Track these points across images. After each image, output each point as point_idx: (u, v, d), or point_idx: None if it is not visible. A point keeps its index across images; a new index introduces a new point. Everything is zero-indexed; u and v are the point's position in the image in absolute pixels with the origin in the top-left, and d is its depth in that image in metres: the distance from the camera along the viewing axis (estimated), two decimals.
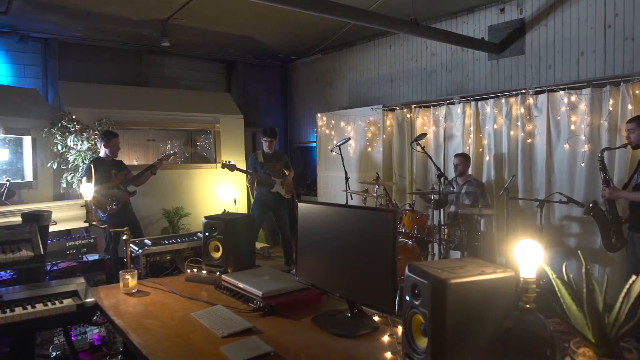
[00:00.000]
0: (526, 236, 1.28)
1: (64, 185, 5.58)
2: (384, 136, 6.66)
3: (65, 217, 2.92)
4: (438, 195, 4.81)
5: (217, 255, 2.65)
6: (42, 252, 2.12)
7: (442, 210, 5.24)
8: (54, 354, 3.23)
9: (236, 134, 7.72)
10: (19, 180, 5.43)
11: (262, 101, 9.89)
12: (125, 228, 2.63)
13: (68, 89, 6.44)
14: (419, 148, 5.12)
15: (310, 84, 9.41)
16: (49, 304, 2.11)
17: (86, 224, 2.78)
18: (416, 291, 1.38)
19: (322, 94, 9.05)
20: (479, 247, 4.77)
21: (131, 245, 2.89)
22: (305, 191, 8.96)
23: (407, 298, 1.42)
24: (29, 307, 2.07)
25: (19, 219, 2.57)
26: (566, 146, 4.66)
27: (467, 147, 5.57)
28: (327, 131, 7.71)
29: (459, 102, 5.68)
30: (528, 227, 4.81)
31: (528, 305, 1.26)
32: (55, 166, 5.56)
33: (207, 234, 2.67)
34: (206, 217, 2.70)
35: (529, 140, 4.99)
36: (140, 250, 2.76)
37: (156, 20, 6.65)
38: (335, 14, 4.82)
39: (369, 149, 6.95)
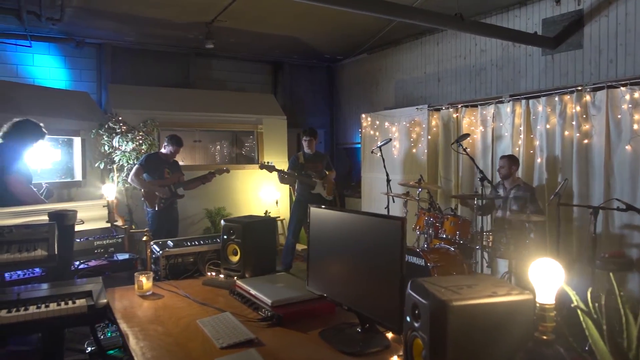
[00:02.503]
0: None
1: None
2: (429, 137, 6.40)
3: (96, 216, 2.95)
4: (482, 200, 4.51)
5: (235, 259, 2.57)
6: (56, 252, 2.12)
7: (486, 215, 4.92)
8: (89, 349, 3.29)
9: (279, 135, 7.71)
10: (68, 180, 5.67)
11: (308, 102, 9.84)
12: (145, 229, 2.61)
13: (116, 92, 6.67)
14: (460, 149, 4.84)
15: (356, 84, 9.25)
16: (62, 303, 2.11)
17: (115, 224, 2.80)
18: (416, 312, 1.21)
19: (367, 94, 8.87)
20: (527, 256, 4.42)
21: (153, 246, 2.88)
22: (350, 193, 8.81)
23: (408, 319, 1.26)
24: (42, 306, 2.08)
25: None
26: (628, 147, 4.23)
27: (517, 149, 5.21)
28: (372, 132, 7.53)
29: (509, 101, 5.33)
30: (583, 235, 4.41)
31: (545, 337, 1.06)
32: (102, 166, 5.76)
33: (225, 237, 2.60)
34: (225, 220, 2.64)
35: (586, 141, 4.58)
36: (160, 252, 2.74)
37: (201, 22, 6.74)
38: (376, 10, 4.65)
39: (414, 150, 6.70)
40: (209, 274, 2.71)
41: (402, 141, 6.90)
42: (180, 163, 7.47)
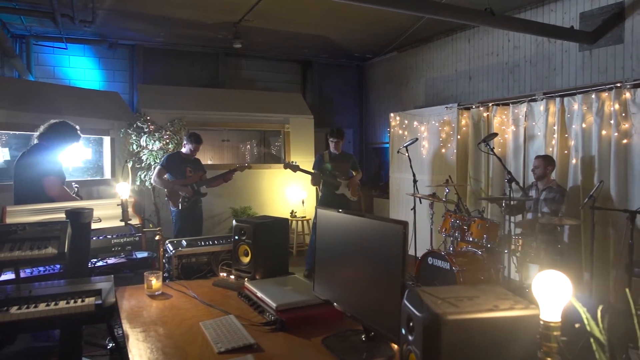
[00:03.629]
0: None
1: (138, 183, 5.87)
2: (459, 136, 6.20)
3: (115, 214, 2.97)
4: (511, 202, 4.31)
5: (246, 260, 2.53)
6: (66, 250, 2.13)
7: (514, 218, 4.72)
8: (110, 345, 3.33)
9: (306, 134, 7.66)
10: (98, 178, 5.81)
11: (337, 101, 9.77)
12: (158, 228, 2.60)
13: (145, 92, 6.79)
14: (488, 149, 4.66)
15: (385, 83, 9.12)
16: (71, 302, 2.11)
17: (129, 222, 2.81)
18: (410, 324, 1.12)
19: (397, 93, 8.71)
20: (559, 262, 4.21)
21: (168, 245, 2.88)
22: (378, 194, 8.68)
23: (403, 331, 1.17)
24: (52, 304, 2.09)
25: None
26: None
27: (551, 149, 4.97)
28: (400, 131, 7.38)
29: (542, 99, 5.09)
30: (620, 241, 4.15)
31: (549, 358, 0.96)
32: (130, 165, 5.86)
33: (236, 237, 2.56)
34: (236, 220, 2.60)
35: (625, 141, 4.32)
36: (172, 251, 2.73)
37: (229, 22, 6.79)
38: (402, 6, 4.54)
39: (443, 150, 6.52)
40: (221, 274, 2.68)
41: (431, 141, 6.73)
42: (209, 162, 7.61)
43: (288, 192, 7.44)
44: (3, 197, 4.18)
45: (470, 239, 4.57)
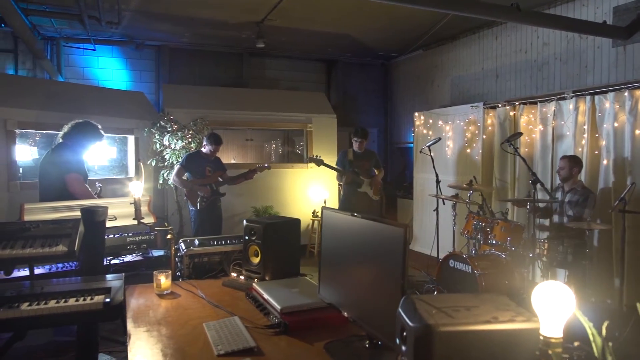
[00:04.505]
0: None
1: (161, 181, 5.94)
2: (484, 136, 6.04)
3: (131, 213, 3.00)
4: (534, 204, 4.15)
5: (256, 260, 2.50)
6: (76, 248, 2.15)
7: (539, 220, 4.55)
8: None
9: (329, 134, 7.61)
10: (122, 176, 5.91)
11: (362, 100, 9.69)
12: (170, 227, 2.60)
13: (170, 91, 6.87)
14: (512, 149, 4.51)
15: (411, 82, 8.98)
16: (81, 299, 2.13)
17: (141, 221, 2.83)
18: (404, 334, 1.06)
19: (423, 92, 8.57)
20: (587, 267, 4.03)
21: (181, 244, 2.88)
22: (402, 194, 8.55)
23: (397, 341, 1.11)
24: (62, 301, 2.11)
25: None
26: None
27: (580, 149, 4.78)
28: (425, 131, 7.25)
29: (571, 97, 4.89)
30: None
31: None
32: (153, 163, 5.94)
33: (247, 237, 2.54)
34: (247, 220, 2.57)
35: None
36: (184, 251, 2.73)
37: (252, 22, 6.80)
38: (423, 3, 4.42)
39: (468, 150, 6.36)
40: (232, 274, 2.67)
41: (455, 141, 6.58)
42: (232, 161, 7.65)
43: (310, 191, 7.41)
44: (30, 194, 4.30)
45: (493, 242, 4.43)
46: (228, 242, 2.88)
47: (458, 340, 0.95)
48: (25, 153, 5.11)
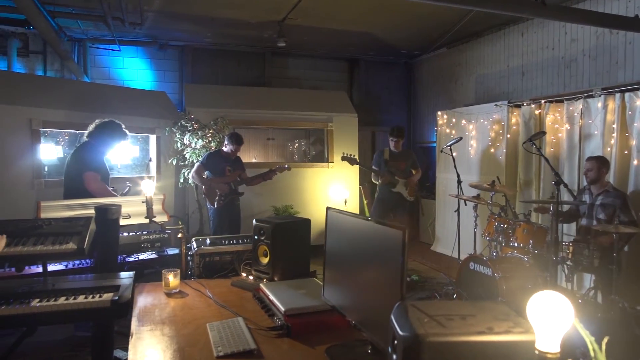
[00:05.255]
0: None
1: (182, 180, 6.00)
2: (509, 136, 5.88)
3: (144, 211, 3.02)
4: (557, 206, 4.00)
5: (265, 260, 2.48)
6: (85, 246, 2.17)
7: (569, 223, 4.39)
8: None
9: (350, 133, 7.55)
10: (144, 175, 5.99)
11: (385, 99, 9.59)
12: (181, 226, 2.60)
13: (191, 91, 6.94)
14: (534, 149, 4.36)
15: (434, 80, 8.83)
16: (90, 297, 2.15)
17: (153, 220, 2.84)
18: (395, 342, 1.01)
19: (446, 91, 8.42)
20: (616, 272, 3.86)
21: (193, 243, 2.88)
22: (425, 194, 8.41)
23: (389, 349, 1.06)
24: (71, 298, 2.13)
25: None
26: None
27: (609, 149, 4.59)
28: (447, 130, 7.12)
29: (600, 95, 4.70)
30: None
31: None
32: (174, 162, 6.01)
33: (256, 237, 2.52)
34: (257, 220, 2.55)
35: None
36: (195, 249, 2.73)
37: (273, 21, 6.80)
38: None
39: (492, 150, 6.21)
40: (242, 274, 2.65)
41: (479, 140, 6.43)
42: (253, 160, 7.68)
43: (331, 191, 7.37)
44: (54, 192, 4.40)
45: (515, 244, 4.29)
46: (239, 241, 2.87)
47: (449, 352, 0.90)
48: (51, 152, 5.23)
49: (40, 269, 2.89)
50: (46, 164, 5.12)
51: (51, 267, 2.95)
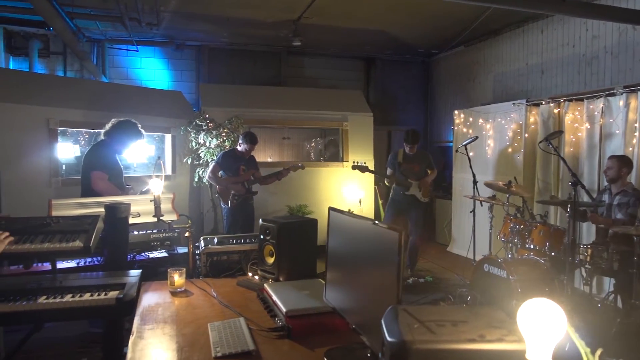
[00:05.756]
0: None
1: (196, 179, 6.04)
2: (526, 135, 5.76)
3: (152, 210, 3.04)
4: (574, 207, 3.89)
5: (271, 260, 2.46)
6: (91, 244, 2.19)
7: (579, 223, 4.27)
8: None
9: (365, 132, 7.50)
10: (160, 173, 6.04)
11: (401, 98, 9.50)
12: (188, 225, 2.61)
13: (207, 90, 6.99)
14: (551, 149, 4.25)
15: (452, 79, 8.71)
16: (95, 294, 2.17)
17: (161, 218, 2.86)
18: (384, 348, 0.98)
19: (464, 89, 8.29)
20: (635, 276, 3.73)
21: (201, 242, 2.89)
22: (441, 194, 8.31)
23: (380, 354, 1.03)
24: (77, 295, 2.15)
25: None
26: None
27: (631, 149, 4.45)
28: (464, 129, 7.01)
29: (622, 93, 4.56)
30: None
31: None
32: (189, 161, 6.05)
33: (262, 237, 2.51)
34: (263, 219, 2.54)
35: None
36: (202, 248, 2.73)
37: (288, 21, 6.80)
38: None
39: (509, 150, 6.09)
40: (248, 274, 2.64)
41: (496, 140, 6.31)
42: (268, 159, 7.69)
43: (345, 190, 7.33)
44: (71, 190, 4.47)
45: (531, 246, 4.19)
46: (247, 241, 2.86)
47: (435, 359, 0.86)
48: (68, 150, 5.32)
49: (63, 265, 2.93)
50: (64, 163, 5.21)
51: (63, 265, 3.00)
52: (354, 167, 5.46)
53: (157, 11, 6.01)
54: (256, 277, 2.53)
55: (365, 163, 5.54)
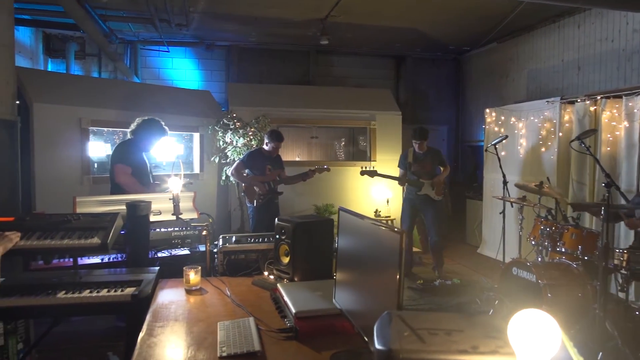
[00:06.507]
0: None
1: (223, 178, 6.11)
2: (561, 134, 5.53)
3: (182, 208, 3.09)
4: (608, 210, 3.70)
5: (286, 260, 2.45)
6: (108, 241, 2.23)
7: (613, 226, 4.06)
8: None
9: (393, 131, 7.40)
10: (188, 172, 6.15)
11: (432, 97, 9.34)
12: (205, 224, 2.63)
13: (235, 90, 7.05)
14: (584, 148, 4.06)
15: (484, 77, 8.49)
16: (112, 291, 2.21)
17: (180, 217, 2.89)
18: (373, 356, 0.94)
19: (497, 87, 8.07)
20: None
21: (220, 240, 2.90)
22: (472, 194, 8.11)
23: None
24: (95, 291, 2.19)
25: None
26: None
27: None
28: (496, 128, 6.81)
29: None
30: None
31: None
32: (217, 160, 6.13)
33: (277, 236, 2.49)
34: (279, 218, 2.53)
35: None
36: (220, 247, 2.74)
37: (316, 19, 6.78)
38: None
39: (542, 149, 5.88)
40: (265, 273, 2.64)
41: (529, 139, 6.11)
42: (297, 158, 7.69)
43: (373, 190, 7.26)
44: (102, 188, 4.60)
45: (562, 250, 4.02)
46: (264, 240, 2.86)
47: None
48: (100, 149, 5.47)
49: (82, 262, 3.01)
50: (95, 161, 5.36)
51: (90, 261, 3.07)
52: (362, 173, 5.51)
53: (186, 12, 6.11)
54: (271, 277, 2.52)
55: (372, 167, 5.53)
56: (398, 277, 1.20)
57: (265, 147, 5.11)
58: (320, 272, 2.45)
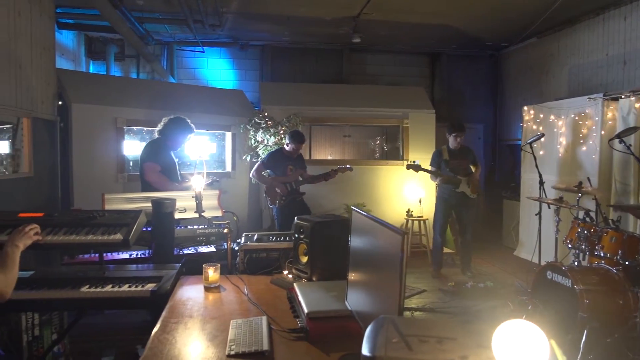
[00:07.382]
0: None
1: None
2: (603, 132, 5.27)
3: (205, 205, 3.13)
4: None
5: (305, 259, 2.44)
6: (130, 237, 2.28)
7: None
8: None
9: (426, 130, 7.26)
10: (220, 170, 6.25)
11: (469, 95, 9.11)
12: (227, 222, 2.65)
13: (267, 89, 7.10)
14: (623, 147, 3.85)
15: (523, 73, 8.20)
16: (133, 286, 2.26)
17: (202, 214, 2.93)
18: None
19: (536, 84, 7.78)
20: None
21: (242, 238, 2.92)
22: (509, 195, 7.86)
23: None
24: (117, 286, 2.25)
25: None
26: None
27: None
28: (534, 126, 6.57)
29: None
30: None
31: None
32: (248, 159, 6.19)
33: (296, 235, 2.48)
34: (298, 218, 2.52)
35: None
36: (240, 245, 2.76)
37: (348, 17, 6.74)
38: None
39: (583, 148, 5.62)
40: (284, 272, 2.63)
41: (569, 137, 5.85)
42: (329, 157, 7.68)
43: (406, 189, 7.15)
44: (137, 185, 4.73)
45: (601, 254, 3.82)
46: (286, 239, 2.86)
47: None
48: (134, 148, 5.64)
49: (114, 257, 3.11)
50: (131, 160, 5.53)
51: (119, 256, 3.17)
52: (408, 167, 5.40)
53: (219, 13, 6.20)
54: (290, 276, 2.51)
55: (417, 162, 5.43)
56: (399, 279, 1.16)
57: (286, 147, 5.11)
58: (337, 272, 2.41)
